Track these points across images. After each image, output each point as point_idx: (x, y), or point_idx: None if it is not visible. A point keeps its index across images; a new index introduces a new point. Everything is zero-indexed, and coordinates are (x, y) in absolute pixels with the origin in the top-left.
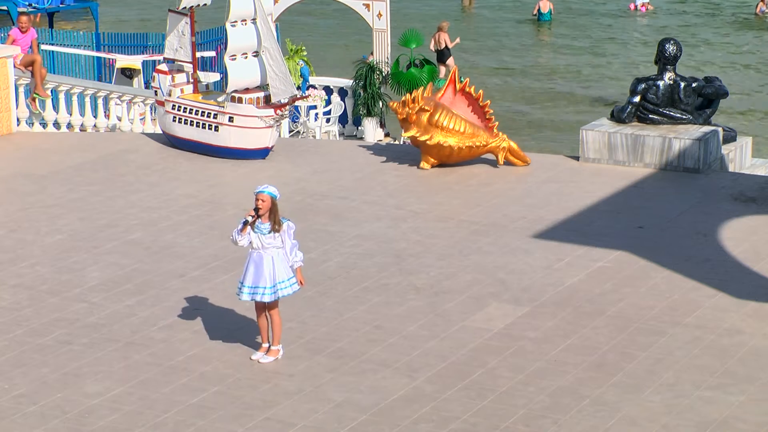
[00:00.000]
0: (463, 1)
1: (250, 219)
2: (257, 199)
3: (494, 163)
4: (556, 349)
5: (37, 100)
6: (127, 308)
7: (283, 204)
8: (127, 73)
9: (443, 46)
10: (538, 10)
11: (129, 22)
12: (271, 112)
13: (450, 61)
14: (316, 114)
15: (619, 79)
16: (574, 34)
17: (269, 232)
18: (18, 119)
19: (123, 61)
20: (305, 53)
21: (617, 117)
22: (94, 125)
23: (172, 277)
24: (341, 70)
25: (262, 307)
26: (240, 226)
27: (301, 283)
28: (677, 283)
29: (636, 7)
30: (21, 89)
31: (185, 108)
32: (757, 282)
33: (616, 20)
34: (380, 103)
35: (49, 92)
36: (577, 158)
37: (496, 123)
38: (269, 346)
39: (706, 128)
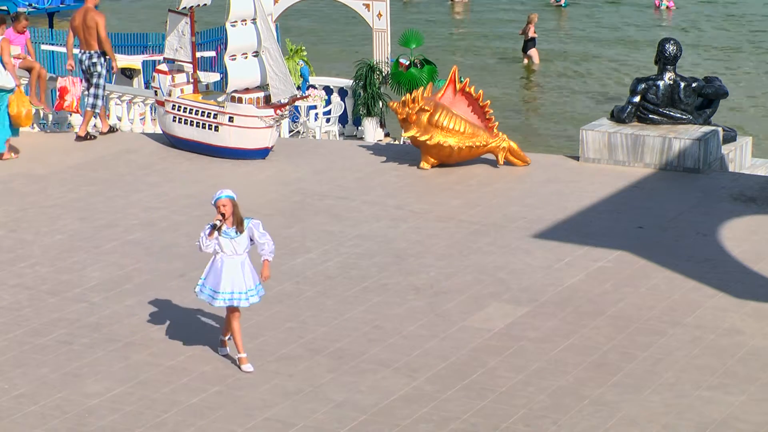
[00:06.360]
0: (454, 7)
1: (218, 223)
2: (220, 206)
3: (494, 163)
4: (556, 349)
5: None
6: (127, 308)
7: (283, 204)
8: (127, 73)
9: (528, 36)
10: None
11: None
12: (271, 112)
13: (532, 52)
14: (316, 114)
15: (622, 78)
16: (588, 27)
17: (237, 234)
18: None
19: (123, 61)
20: (305, 53)
21: (617, 117)
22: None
23: (172, 277)
24: (341, 70)
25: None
26: (207, 231)
27: (265, 277)
28: (677, 283)
29: (660, 5)
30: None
31: (185, 108)
32: (757, 282)
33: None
34: (380, 103)
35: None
36: (577, 158)
37: (497, 123)
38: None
39: (706, 128)
